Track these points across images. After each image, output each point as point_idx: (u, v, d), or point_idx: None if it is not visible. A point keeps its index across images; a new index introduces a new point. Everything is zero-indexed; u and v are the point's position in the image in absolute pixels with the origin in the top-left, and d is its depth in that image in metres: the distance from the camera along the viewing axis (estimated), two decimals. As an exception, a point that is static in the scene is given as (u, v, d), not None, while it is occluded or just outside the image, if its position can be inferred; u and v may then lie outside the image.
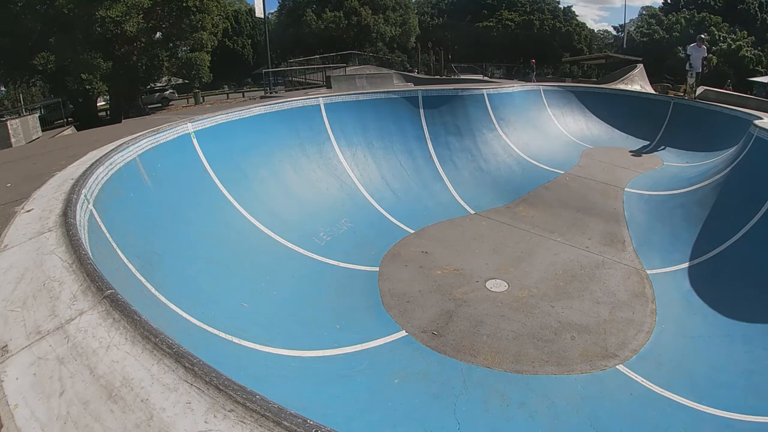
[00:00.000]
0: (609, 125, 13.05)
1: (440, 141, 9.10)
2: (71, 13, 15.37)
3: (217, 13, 19.98)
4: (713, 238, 5.99)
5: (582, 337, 4.30)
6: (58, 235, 2.36)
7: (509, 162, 9.52)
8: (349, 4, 34.63)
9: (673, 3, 42.81)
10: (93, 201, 3.23)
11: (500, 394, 3.52)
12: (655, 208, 7.54)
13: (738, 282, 5.08)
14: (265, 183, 6.34)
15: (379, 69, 23.32)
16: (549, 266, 5.74)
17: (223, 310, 3.67)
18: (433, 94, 9.77)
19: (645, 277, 5.56)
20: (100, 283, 1.84)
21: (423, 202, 7.63)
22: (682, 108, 12.85)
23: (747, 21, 38.58)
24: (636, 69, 18.49)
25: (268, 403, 1.23)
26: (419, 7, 45.82)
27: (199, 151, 5.63)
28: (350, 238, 6.08)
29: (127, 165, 4.27)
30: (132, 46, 17.73)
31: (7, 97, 26.93)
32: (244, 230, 5.29)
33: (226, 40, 35.31)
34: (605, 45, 47.33)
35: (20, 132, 14.11)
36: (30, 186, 3.49)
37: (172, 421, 1.20)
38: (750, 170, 6.78)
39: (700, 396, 3.57)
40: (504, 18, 42.21)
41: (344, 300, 4.75)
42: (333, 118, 8.03)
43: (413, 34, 38.51)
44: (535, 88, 13.27)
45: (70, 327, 1.61)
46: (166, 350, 1.45)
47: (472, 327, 4.37)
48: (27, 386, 1.36)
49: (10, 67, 18.20)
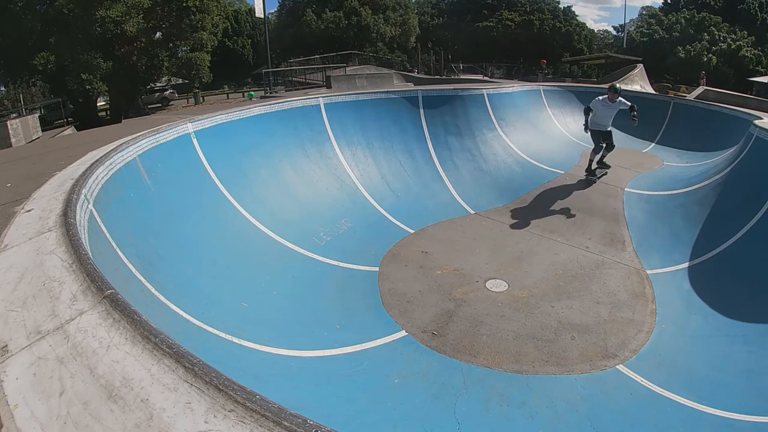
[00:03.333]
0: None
1: (440, 141, 9.10)
2: (71, 13, 15.38)
3: (217, 13, 19.99)
4: (713, 238, 5.99)
5: (582, 337, 4.30)
6: (58, 235, 2.36)
7: (509, 162, 9.52)
8: (349, 4, 34.62)
9: (673, 3, 42.81)
10: (93, 201, 3.23)
11: (500, 393, 3.52)
12: (655, 208, 7.54)
13: (738, 282, 5.08)
14: (265, 183, 6.34)
15: (379, 69, 23.33)
16: (549, 266, 5.73)
17: (223, 310, 3.67)
18: (433, 94, 9.77)
19: (645, 277, 5.56)
20: (100, 283, 1.84)
21: (423, 202, 7.63)
22: (682, 108, 12.86)
23: (747, 21, 38.57)
24: (636, 69, 18.53)
25: (268, 403, 1.23)
26: (419, 7, 45.81)
27: (199, 151, 5.63)
28: (350, 238, 6.08)
29: (127, 165, 4.27)
30: (132, 46, 17.74)
31: (7, 97, 26.92)
32: (244, 230, 5.29)
33: (226, 40, 35.32)
34: (605, 45, 47.31)
35: (20, 132, 14.12)
36: (30, 186, 3.49)
37: (172, 421, 1.20)
38: (750, 170, 6.78)
39: (700, 396, 3.57)
40: (504, 18, 42.20)
41: (344, 300, 4.75)
42: (333, 118, 8.02)
43: (413, 34, 38.50)
44: (535, 88, 13.27)
45: (70, 327, 1.61)
46: (166, 350, 1.45)
47: (472, 327, 4.37)
48: (27, 386, 1.36)
49: (10, 67, 18.20)
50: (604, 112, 7.89)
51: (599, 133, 8.11)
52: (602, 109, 7.89)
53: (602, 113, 7.91)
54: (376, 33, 35.50)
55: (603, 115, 7.93)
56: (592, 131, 8.18)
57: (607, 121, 7.97)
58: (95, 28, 15.53)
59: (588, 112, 8.08)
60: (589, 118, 8.13)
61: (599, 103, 7.90)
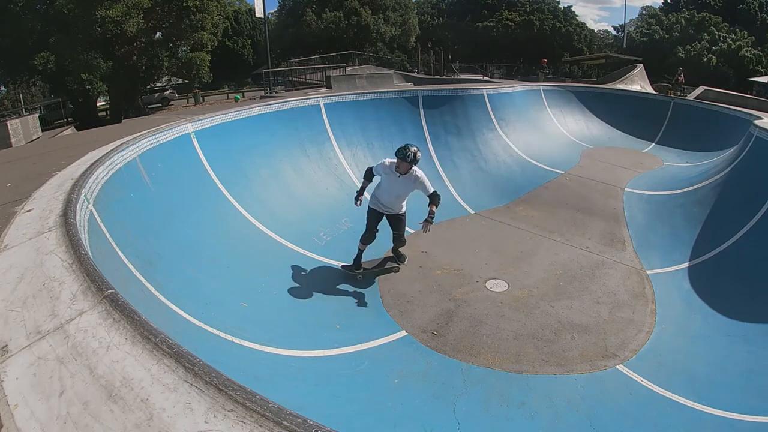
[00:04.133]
0: (609, 125, 13.06)
1: (440, 141, 9.10)
2: (71, 13, 15.38)
3: (217, 13, 19.98)
4: (713, 238, 5.99)
5: (582, 337, 4.30)
6: (58, 235, 2.36)
7: (509, 162, 9.52)
8: (349, 4, 34.61)
9: (673, 3, 42.80)
10: (93, 201, 3.23)
11: (500, 393, 3.52)
12: (655, 208, 7.54)
13: (738, 282, 5.08)
14: (265, 183, 6.34)
15: (379, 69, 23.32)
16: (549, 266, 5.73)
17: (223, 310, 3.67)
18: (433, 94, 9.77)
19: (645, 277, 5.56)
20: (100, 283, 1.85)
21: (423, 202, 7.62)
22: (682, 108, 12.86)
23: (747, 21, 38.56)
24: (636, 69, 18.53)
25: (268, 403, 1.23)
26: (419, 7, 45.79)
27: (199, 151, 5.64)
28: (350, 238, 6.06)
29: (127, 165, 4.28)
30: (132, 46, 17.73)
31: (7, 97, 26.94)
32: (244, 230, 5.29)
33: (226, 40, 35.31)
34: (605, 45, 47.29)
35: (20, 132, 14.12)
36: (30, 186, 3.49)
37: (172, 421, 1.20)
38: (750, 170, 6.78)
39: (700, 396, 3.57)
40: (504, 18, 42.19)
41: (344, 300, 4.75)
42: (333, 118, 8.02)
43: (413, 34, 38.48)
44: (536, 88, 13.28)
45: (70, 327, 1.61)
46: (166, 350, 1.45)
47: (472, 327, 4.37)
48: (27, 386, 1.36)
49: (10, 67, 18.21)
50: (388, 186, 4.81)
51: (378, 215, 5.02)
52: (387, 180, 4.81)
53: (386, 187, 4.84)
54: (376, 33, 35.49)
55: (387, 190, 4.85)
56: (370, 210, 5.04)
57: (392, 201, 4.90)
58: (95, 28, 15.52)
59: (369, 177, 4.99)
60: (365, 186, 5.05)
61: (384, 169, 4.77)
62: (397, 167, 4.63)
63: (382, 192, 4.89)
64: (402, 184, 4.74)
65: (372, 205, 5.02)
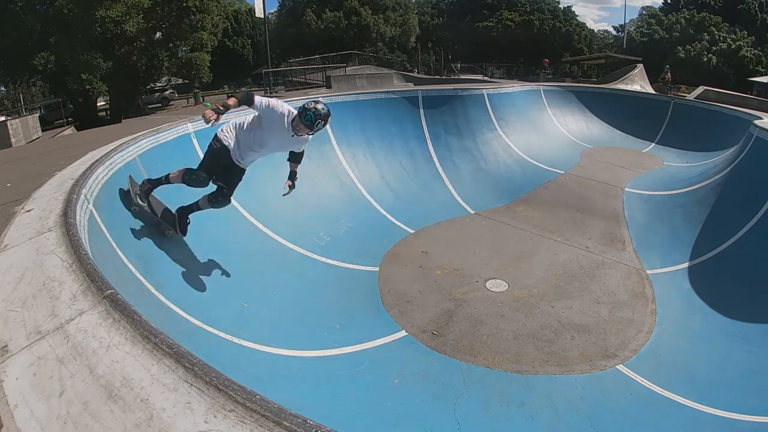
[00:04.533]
0: (609, 125, 13.06)
1: (440, 141, 9.10)
2: (71, 13, 15.38)
3: (217, 13, 19.98)
4: (713, 238, 5.99)
5: (582, 337, 4.30)
6: (58, 235, 2.35)
7: (509, 162, 9.52)
8: (349, 4, 34.61)
9: (673, 3, 42.78)
10: (93, 201, 3.23)
11: (500, 393, 3.52)
12: (655, 208, 7.55)
13: (738, 282, 5.08)
14: (265, 183, 6.33)
15: (379, 69, 23.31)
16: (549, 266, 5.73)
17: (223, 310, 3.67)
18: (433, 94, 9.77)
19: (645, 277, 5.56)
20: (100, 283, 1.84)
21: (423, 202, 7.63)
22: (682, 108, 12.87)
23: (747, 21, 38.54)
24: (636, 69, 18.53)
25: (268, 403, 1.23)
26: (419, 7, 45.78)
27: (199, 151, 5.62)
28: (350, 238, 6.08)
29: (127, 165, 4.27)
30: (132, 46, 17.73)
31: (7, 97, 26.95)
32: (244, 230, 5.29)
33: (226, 40, 35.28)
34: (605, 45, 47.29)
35: (20, 132, 14.11)
36: (30, 186, 3.49)
37: (172, 421, 1.20)
38: (750, 170, 6.78)
39: (700, 396, 3.57)
40: (504, 18, 42.18)
41: (344, 300, 4.75)
42: (333, 118, 7.92)
43: (413, 34, 38.48)
44: (536, 88, 13.28)
45: (70, 327, 1.61)
46: (166, 350, 1.45)
47: (472, 327, 4.37)
48: (27, 386, 1.36)
49: (10, 67, 18.21)
50: (268, 137, 3.76)
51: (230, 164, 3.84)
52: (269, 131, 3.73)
53: (265, 138, 3.77)
54: (376, 33, 35.49)
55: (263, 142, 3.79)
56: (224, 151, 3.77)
57: (260, 154, 3.93)
58: (95, 28, 15.53)
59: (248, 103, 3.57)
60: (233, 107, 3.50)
61: (274, 117, 3.67)
62: (296, 126, 3.65)
63: (254, 141, 3.75)
64: (289, 142, 3.84)
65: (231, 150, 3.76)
